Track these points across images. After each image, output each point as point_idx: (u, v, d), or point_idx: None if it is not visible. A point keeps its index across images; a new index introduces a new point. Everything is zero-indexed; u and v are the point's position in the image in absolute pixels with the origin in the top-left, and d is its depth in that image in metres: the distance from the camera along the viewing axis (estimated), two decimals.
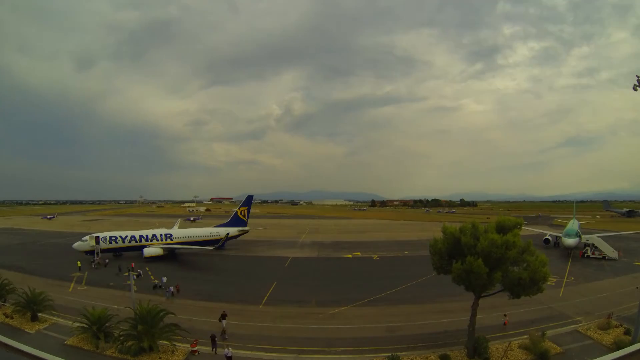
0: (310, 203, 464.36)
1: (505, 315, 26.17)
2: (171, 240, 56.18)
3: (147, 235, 54.78)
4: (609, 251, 51.28)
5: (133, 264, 44.55)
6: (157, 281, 37.59)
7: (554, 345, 21.80)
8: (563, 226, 73.81)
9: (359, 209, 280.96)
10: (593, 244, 53.52)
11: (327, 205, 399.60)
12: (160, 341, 21.54)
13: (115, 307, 27.50)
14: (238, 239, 66.08)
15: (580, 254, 53.34)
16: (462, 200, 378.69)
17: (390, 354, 20.46)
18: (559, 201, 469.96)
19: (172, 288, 34.20)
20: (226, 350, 20.66)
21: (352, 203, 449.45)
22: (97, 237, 50.28)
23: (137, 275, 39.17)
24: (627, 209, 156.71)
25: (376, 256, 56.35)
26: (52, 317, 26.43)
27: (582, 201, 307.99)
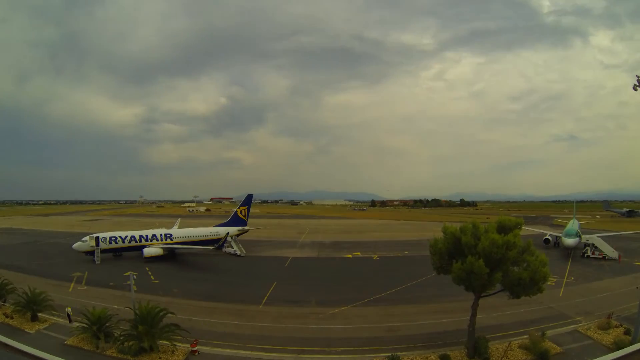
0: (310, 203, 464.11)
1: None
2: (171, 240, 56.14)
3: (147, 235, 54.76)
4: (609, 251, 51.30)
5: None
6: None
7: (554, 345, 21.80)
8: (563, 226, 73.84)
9: (359, 209, 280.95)
10: (593, 244, 53.56)
11: (327, 205, 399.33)
12: (160, 341, 21.54)
13: (115, 307, 27.49)
14: (238, 238, 66.03)
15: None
16: (462, 200, 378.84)
17: (390, 354, 20.46)
18: (559, 201, 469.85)
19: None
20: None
21: (352, 203, 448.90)
22: (97, 237, 50.27)
23: None
24: (627, 209, 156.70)
25: (376, 256, 56.35)
26: (52, 317, 26.42)
27: (582, 201, 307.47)
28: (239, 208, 68.88)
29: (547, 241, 61.47)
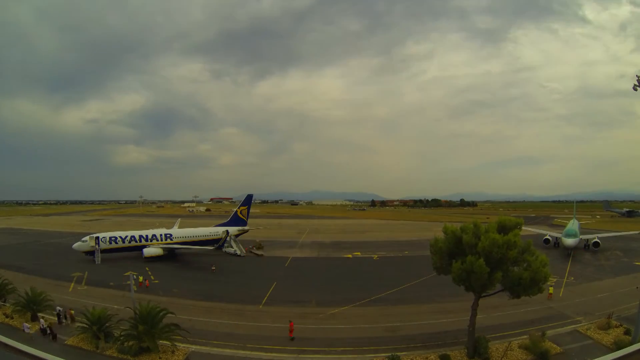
0: (310, 203, 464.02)
1: None
2: (171, 240, 56.15)
3: (147, 235, 54.76)
4: None
5: None
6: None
7: (554, 345, 21.81)
8: (563, 226, 73.76)
9: (359, 209, 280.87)
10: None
11: (327, 205, 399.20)
12: (160, 341, 21.55)
13: (115, 307, 27.50)
14: (238, 238, 66.03)
15: None
16: (462, 200, 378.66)
17: (390, 354, 20.47)
18: (559, 201, 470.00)
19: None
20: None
21: (352, 203, 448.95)
22: (97, 237, 50.25)
23: None
24: (627, 209, 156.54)
25: (376, 256, 56.33)
26: (52, 317, 26.40)
27: (582, 201, 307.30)
28: (239, 208, 68.92)
29: (547, 241, 61.27)
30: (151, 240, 54.27)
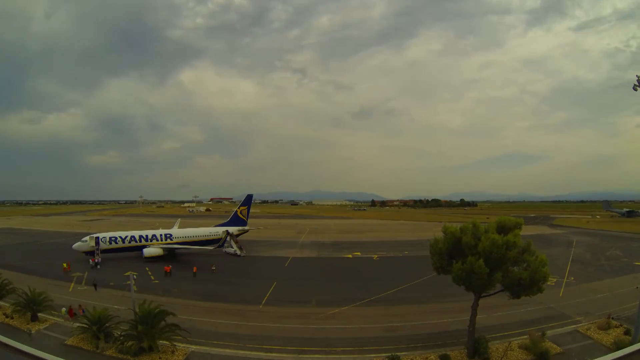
0: (310, 203, 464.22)
1: None
2: (171, 240, 56.14)
3: (147, 236, 54.76)
4: None
5: None
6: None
7: (554, 345, 21.81)
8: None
9: (359, 209, 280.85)
10: None
11: (327, 205, 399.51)
12: (160, 341, 21.55)
13: (115, 307, 27.52)
14: (238, 238, 66.01)
15: None
16: (462, 200, 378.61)
17: (390, 354, 20.48)
18: (559, 201, 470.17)
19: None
20: None
21: (352, 203, 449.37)
22: (97, 238, 50.23)
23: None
24: (627, 209, 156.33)
25: (376, 256, 56.33)
26: (52, 317, 26.45)
27: (582, 201, 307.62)
28: (239, 208, 68.95)
29: None
30: (151, 240, 54.26)
